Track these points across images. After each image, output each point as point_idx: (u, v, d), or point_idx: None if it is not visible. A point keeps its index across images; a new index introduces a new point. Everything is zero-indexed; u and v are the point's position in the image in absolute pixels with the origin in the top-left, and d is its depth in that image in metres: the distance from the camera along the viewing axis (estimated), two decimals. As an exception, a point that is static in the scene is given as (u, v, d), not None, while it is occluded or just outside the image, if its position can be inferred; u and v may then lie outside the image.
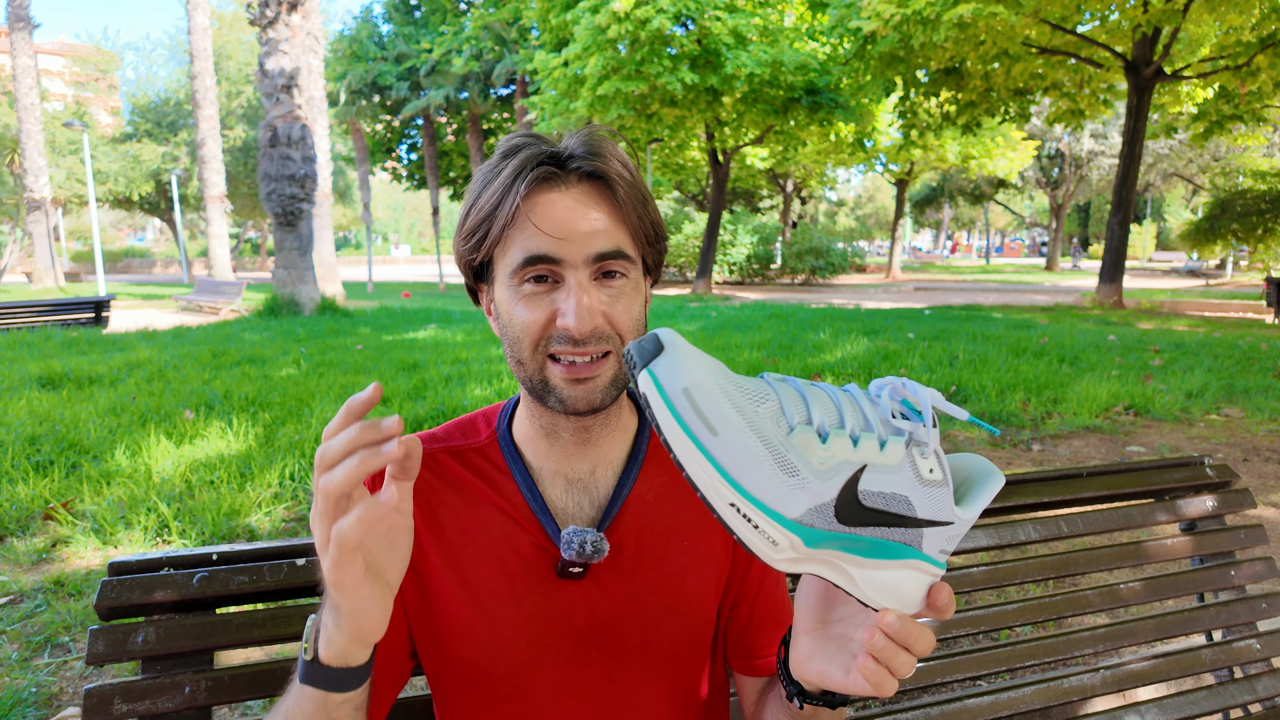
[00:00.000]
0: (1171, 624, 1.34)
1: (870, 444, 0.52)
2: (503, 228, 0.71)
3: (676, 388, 0.47)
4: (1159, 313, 13.65)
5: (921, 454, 0.53)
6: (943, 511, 0.55)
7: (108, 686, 0.87)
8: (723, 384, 0.49)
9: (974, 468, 0.61)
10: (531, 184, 0.70)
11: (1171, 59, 14.00)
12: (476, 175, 0.76)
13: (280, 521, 3.36)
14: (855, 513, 0.52)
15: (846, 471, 0.51)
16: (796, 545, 0.51)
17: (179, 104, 33.53)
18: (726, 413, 0.48)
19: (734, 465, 0.48)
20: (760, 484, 0.48)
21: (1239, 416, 5.34)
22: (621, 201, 0.73)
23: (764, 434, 0.49)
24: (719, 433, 0.47)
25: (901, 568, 0.55)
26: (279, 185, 12.83)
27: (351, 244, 66.27)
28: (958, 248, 67.86)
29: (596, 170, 0.72)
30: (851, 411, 0.53)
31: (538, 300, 0.71)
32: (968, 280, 27.68)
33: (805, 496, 0.50)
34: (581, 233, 0.70)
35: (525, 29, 22.81)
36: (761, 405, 0.50)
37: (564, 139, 0.74)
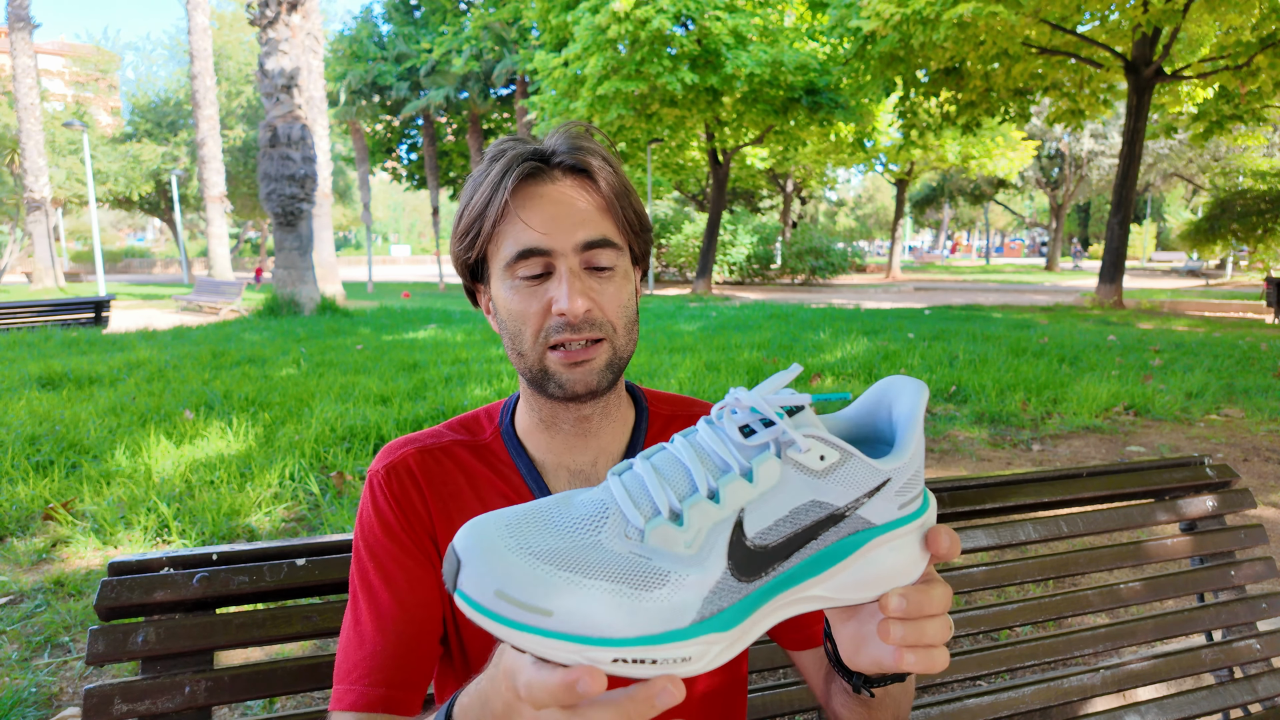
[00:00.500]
0: (1171, 624, 1.34)
1: (734, 487, 0.46)
2: (493, 224, 0.75)
3: (488, 595, 0.42)
4: (1159, 313, 13.65)
5: (798, 450, 0.47)
6: (866, 480, 0.48)
7: (108, 686, 0.87)
8: (540, 550, 0.43)
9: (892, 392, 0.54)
10: (518, 180, 0.74)
11: (1171, 59, 14.00)
12: (468, 180, 0.79)
13: (280, 521, 3.36)
14: (762, 560, 0.46)
15: (722, 534, 0.45)
16: (715, 640, 0.44)
17: (179, 104, 33.55)
18: (551, 584, 0.42)
19: (590, 626, 0.42)
20: (627, 623, 0.42)
21: (1239, 416, 5.34)
22: (605, 193, 0.76)
23: (611, 566, 0.43)
24: (554, 611, 0.42)
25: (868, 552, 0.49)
26: (279, 185, 12.83)
27: (351, 244, 66.27)
28: (958, 248, 67.87)
29: (579, 163, 0.76)
30: (702, 463, 0.47)
31: (532, 292, 0.75)
32: (968, 280, 27.69)
33: (689, 594, 0.44)
34: (569, 224, 0.74)
35: (525, 29, 22.80)
36: (601, 530, 0.45)
37: (546, 138, 0.78)
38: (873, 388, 0.55)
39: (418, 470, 0.81)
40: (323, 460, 4.14)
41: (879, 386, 0.55)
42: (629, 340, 0.79)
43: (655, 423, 0.89)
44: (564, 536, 0.44)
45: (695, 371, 6.66)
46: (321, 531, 3.26)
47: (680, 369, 6.75)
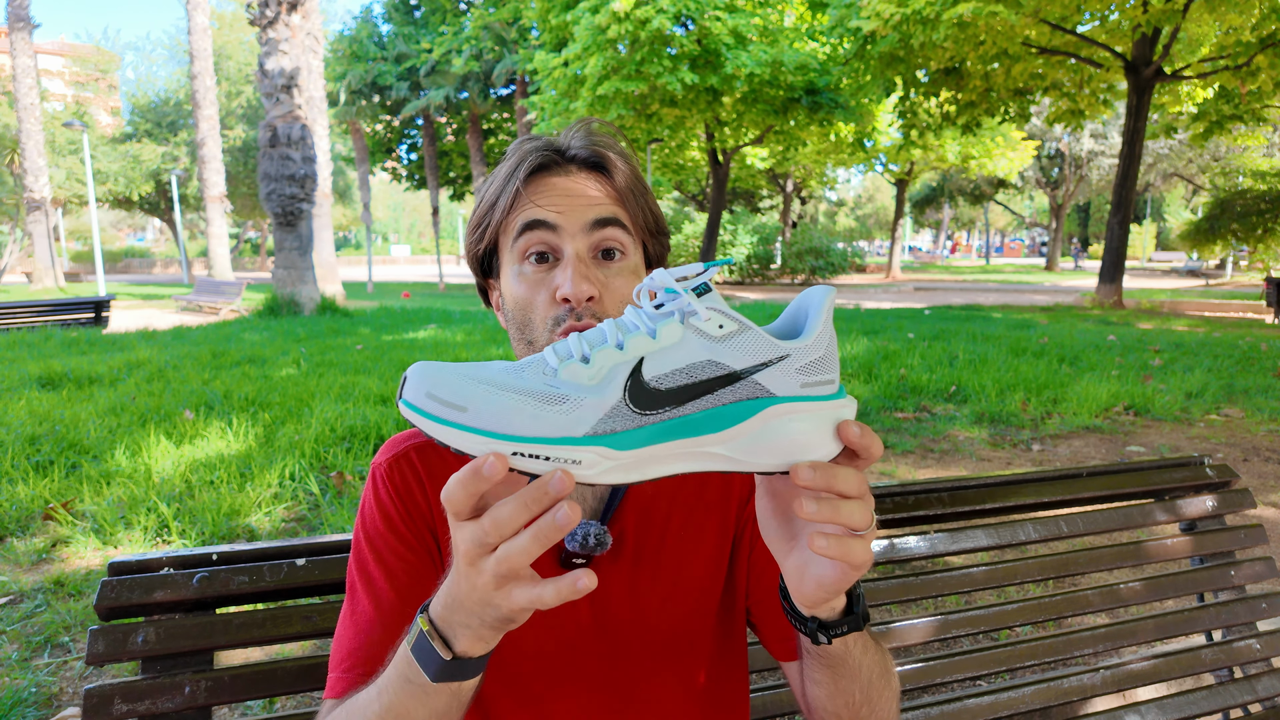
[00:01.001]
0: (1171, 624, 1.34)
1: (638, 340, 0.52)
2: (504, 212, 0.75)
3: (420, 396, 0.50)
4: (1159, 313, 13.65)
5: (699, 319, 0.52)
6: (762, 352, 0.53)
7: (108, 686, 0.87)
8: (466, 372, 0.51)
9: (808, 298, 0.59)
10: (530, 169, 0.75)
11: (1171, 59, 14.00)
12: (487, 178, 0.80)
13: (280, 521, 3.36)
14: (656, 398, 0.51)
15: (621, 373, 0.51)
16: (607, 454, 0.50)
17: (179, 104, 33.54)
18: (470, 389, 0.50)
19: (495, 423, 0.49)
20: (529, 425, 0.49)
21: (1239, 416, 5.34)
22: (620, 187, 0.77)
23: (522, 388, 0.51)
24: (468, 407, 0.49)
25: (768, 419, 0.53)
26: (279, 185, 12.83)
27: (351, 244, 66.27)
28: (958, 248, 67.86)
29: (594, 156, 0.76)
30: (617, 327, 0.54)
31: (539, 279, 0.75)
32: (967, 280, 27.69)
33: (586, 412, 0.50)
34: (578, 204, 0.74)
35: (525, 29, 22.80)
36: (526, 370, 0.52)
37: (563, 134, 0.79)
38: (796, 298, 0.60)
39: (420, 464, 0.81)
40: (323, 460, 4.14)
41: (798, 298, 0.59)
42: None
43: None
44: (496, 373, 0.52)
45: (695, 371, 6.65)
46: (321, 531, 3.26)
47: (680, 369, 6.75)
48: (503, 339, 9.40)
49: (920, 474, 4.12)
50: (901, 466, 4.24)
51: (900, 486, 1.29)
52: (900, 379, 6.38)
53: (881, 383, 6.31)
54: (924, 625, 1.20)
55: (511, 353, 0.81)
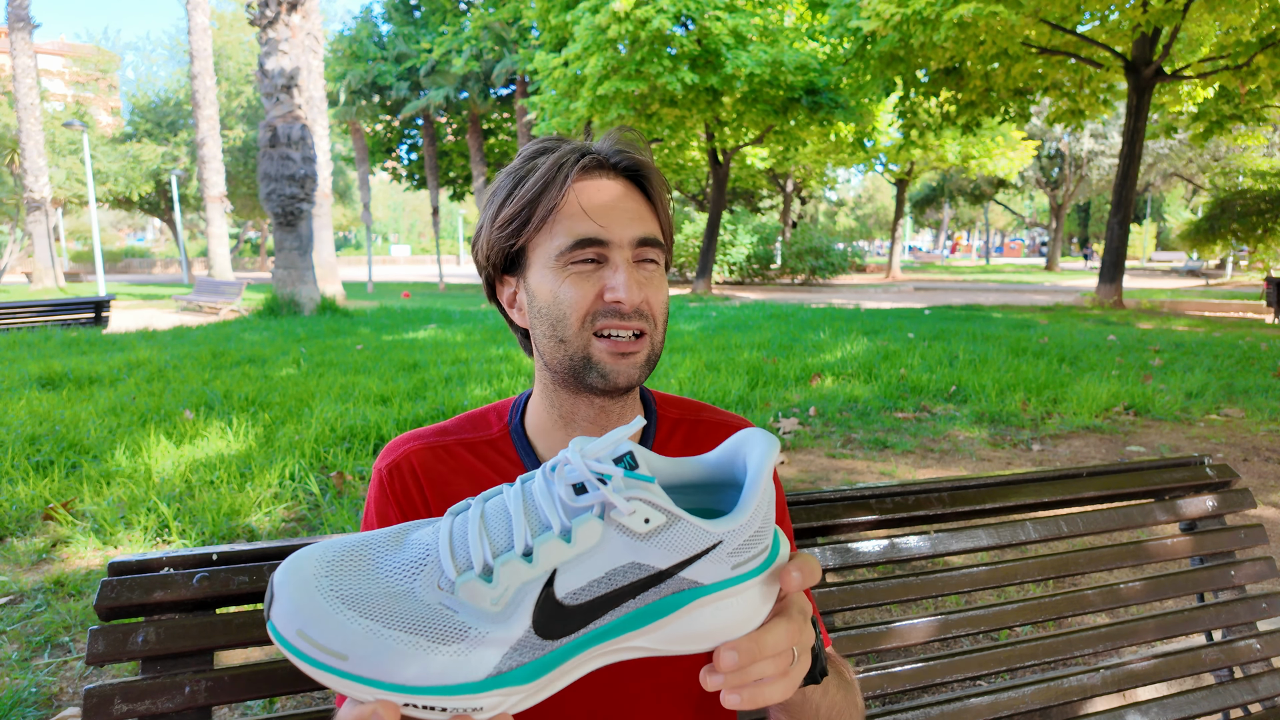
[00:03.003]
0: (1171, 624, 1.34)
1: (550, 546, 0.46)
2: (549, 210, 0.75)
3: (291, 632, 0.45)
4: (1159, 313, 13.65)
5: (621, 514, 0.46)
6: (691, 545, 0.47)
7: (108, 686, 0.87)
8: (348, 595, 0.45)
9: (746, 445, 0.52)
10: (581, 171, 0.76)
11: (1171, 59, 14.00)
12: (504, 174, 0.79)
13: (280, 521, 3.36)
14: (569, 619, 0.46)
15: (530, 593, 0.45)
16: (510, 693, 0.45)
17: (179, 104, 33.52)
18: (349, 631, 0.44)
19: (382, 672, 0.44)
20: (421, 672, 0.44)
21: (1239, 416, 5.34)
22: (655, 197, 0.79)
23: (414, 617, 0.45)
24: (349, 656, 0.44)
25: (693, 611, 0.48)
26: (279, 185, 12.83)
27: (351, 244, 66.25)
28: (958, 248, 67.85)
29: (634, 165, 0.78)
30: (526, 517, 0.47)
31: (585, 278, 0.75)
32: (968, 280, 27.68)
33: (487, 652, 0.45)
34: (625, 218, 0.76)
35: (525, 29, 22.79)
36: (417, 578, 0.46)
37: (598, 141, 0.80)
38: (731, 437, 0.54)
39: (419, 468, 0.81)
40: (323, 460, 4.14)
41: (736, 437, 0.54)
42: (662, 339, 0.81)
43: (663, 426, 0.89)
44: (378, 580, 0.46)
45: (695, 371, 6.66)
46: (321, 531, 3.26)
47: (680, 369, 6.75)
48: (503, 339, 9.39)
49: (920, 474, 4.12)
50: (901, 466, 4.24)
51: (900, 486, 1.29)
52: (900, 379, 6.38)
53: (881, 383, 6.31)
54: (924, 625, 1.20)
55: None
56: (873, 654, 1.43)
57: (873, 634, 1.18)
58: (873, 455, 4.46)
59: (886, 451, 4.53)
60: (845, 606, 1.17)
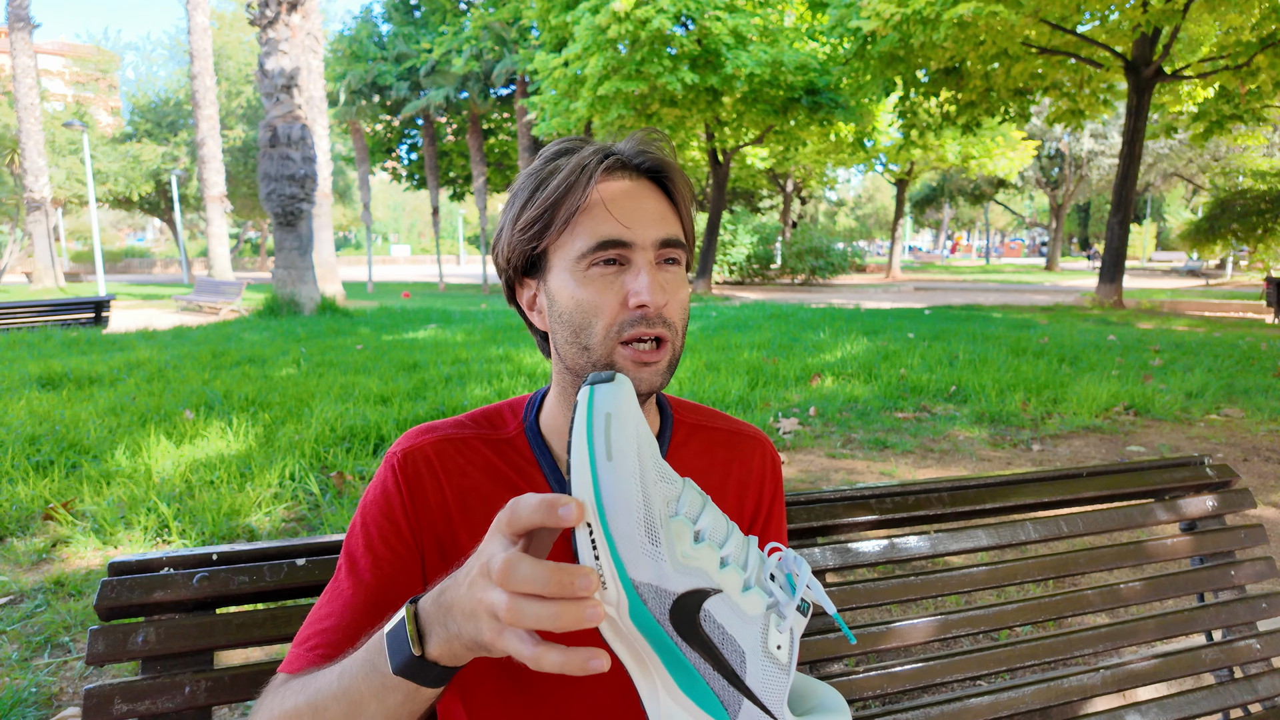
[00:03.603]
0: (1171, 624, 1.34)
1: (735, 576, 0.52)
2: (572, 212, 0.75)
3: (602, 408, 0.51)
4: (1159, 313, 13.65)
5: (778, 626, 0.53)
6: (772, 696, 0.53)
7: (108, 686, 0.87)
8: (642, 437, 0.51)
9: (827, 699, 0.60)
10: (602, 174, 0.75)
11: (1171, 59, 14.00)
12: (525, 175, 0.79)
13: (280, 521, 3.36)
14: (689, 625, 0.51)
15: (700, 580, 0.51)
16: (621, 607, 0.50)
17: (179, 104, 33.52)
18: (629, 451, 0.50)
19: (609, 496, 0.49)
20: (622, 527, 0.49)
21: (1239, 416, 5.34)
22: (678, 198, 0.79)
23: (650, 496, 0.50)
24: (614, 459, 0.49)
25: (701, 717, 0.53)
26: (279, 185, 12.83)
27: (351, 244, 66.25)
28: (958, 248, 67.84)
29: (658, 166, 0.78)
30: (738, 546, 0.54)
31: (608, 282, 0.75)
32: (968, 280, 27.68)
33: (652, 569, 0.50)
34: (649, 219, 0.76)
35: (525, 29, 22.79)
36: (663, 482, 0.51)
37: (622, 142, 0.80)
38: (821, 686, 0.62)
39: (436, 459, 0.81)
40: (323, 460, 4.14)
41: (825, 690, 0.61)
42: (683, 343, 0.80)
43: (679, 430, 0.89)
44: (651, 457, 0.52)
45: (695, 371, 6.66)
46: (321, 531, 3.26)
47: (680, 369, 6.75)
48: (503, 339, 9.39)
49: (920, 474, 4.12)
50: (901, 466, 4.24)
51: (900, 486, 1.29)
52: (900, 379, 6.38)
53: (881, 382, 6.31)
54: (924, 625, 1.20)
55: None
56: (873, 654, 1.43)
57: (873, 634, 1.18)
58: (873, 455, 4.46)
59: (886, 451, 4.53)
60: (845, 606, 1.17)
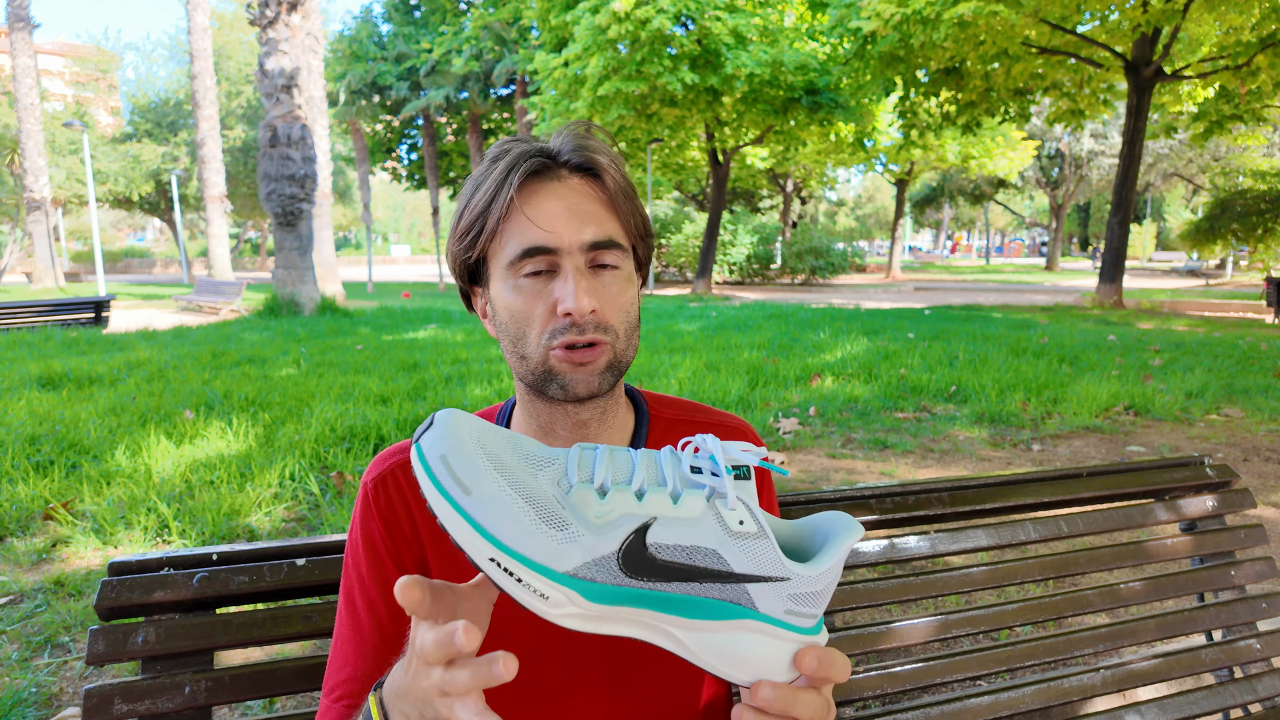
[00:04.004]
0: (1171, 624, 1.34)
1: (659, 497, 0.51)
2: (497, 221, 0.73)
3: (435, 455, 0.50)
4: (1159, 313, 13.65)
5: (725, 506, 0.51)
6: (766, 565, 0.52)
7: (108, 686, 0.87)
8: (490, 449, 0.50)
9: (832, 523, 0.58)
10: (524, 176, 0.72)
11: (1171, 59, 14.00)
12: (469, 180, 0.77)
13: (280, 521, 3.36)
14: (647, 566, 0.50)
15: (629, 524, 0.50)
16: (575, 600, 0.49)
17: (179, 104, 33.52)
18: (483, 474, 0.49)
19: (490, 521, 0.48)
20: (520, 539, 0.48)
21: (1239, 416, 5.34)
22: (611, 193, 0.75)
23: (533, 493, 0.49)
24: (473, 492, 0.48)
25: (738, 630, 0.52)
26: (279, 185, 12.83)
27: (351, 244, 66.24)
28: (958, 248, 67.84)
29: (586, 162, 0.74)
30: (646, 469, 0.52)
31: (536, 291, 0.73)
32: (968, 280, 27.68)
33: (577, 550, 0.49)
34: (575, 222, 0.72)
35: (525, 29, 22.79)
36: (543, 470, 0.51)
37: (553, 138, 0.76)
38: (818, 515, 0.59)
39: (405, 483, 0.79)
40: (323, 460, 4.14)
41: (824, 516, 0.59)
42: (629, 344, 0.77)
43: (656, 426, 0.88)
44: (514, 456, 0.51)
45: (695, 371, 6.66)
46: (321, 531, 3.26)
47: (680, 369, 6.75)
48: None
49: (920, 474, 4.12)
50: (901, 466, 4.24)
51: (900, 486, 1.29)
52: (900, 379, 6.38)
53: (881, 383, 6.31)
54: (924, 625, 1.20)
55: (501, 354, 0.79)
56: (873, 654, 1.43)
57: (873, 634, 1.18)
58: (873, 455, 4.46)
59: (886, 451, 4.53)
60: (845, 606, 1.17)
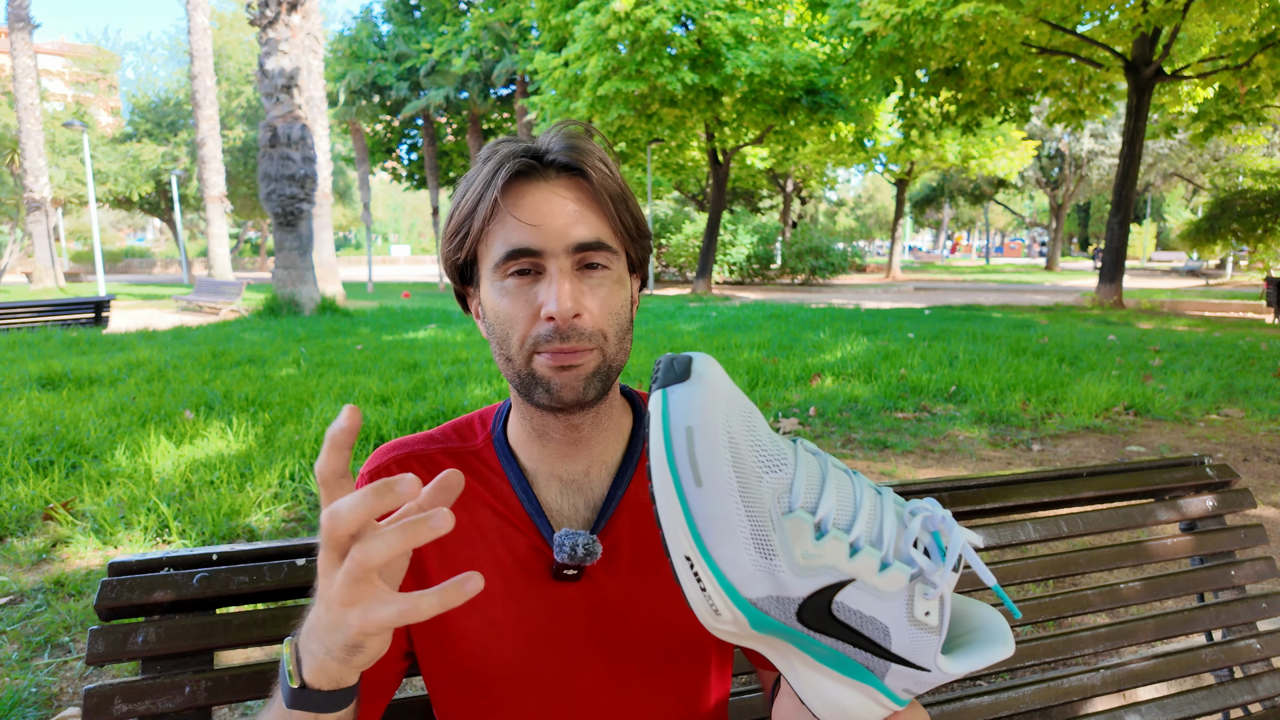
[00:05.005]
0: (1171, 624, 1.34)
1: (869, 561, 0.48)
2: (484, 222, 0.72)
3: (681, 422, 0.45)
4: (1159, 313, 13.65)
5: (925, 595, 0.49)
6: (922, 657, 0.51)
7: (108, 686, 0.87)
8: (734, 436, 0.45)
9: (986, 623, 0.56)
10: (508, 176, 0.71)
11: (1171, 59, 14.00)
12: (461, 181, 0.76)
13: (280, 521, 3.36)
14: (821, 620, 0.49)
15: (828, 577, 0.47)
16: (741, 623, 0.48)
17: (179, 104, 33.54)
18: (721, 469, 0.45)
19: (706, 523, 0.45)
20: (727, 553, 0.45)
21: (1239, 416, 5.34)
22: (599, 193, 0.73)
23: (755, 504, 0.46)
24: (704, 485, 0.45)
25: (854, 689, 0.52)
26: (279, 185, 12.83)
27: (351, 244, 66.25)
28: (958, 248, 67.84)
29: (573, 162, 0.72)
30: (869, 518, 0.49)
31: (521, 293, 0.71)
32: (968, 280, 27.68)
33: (770, 583, 0.47)
34: (561, 223, 0.71)
35: (525, 29, 22.80)
36: (770, 474, 0.46)
37: (541, 136, 0.75)
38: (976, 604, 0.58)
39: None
40: (323, 460, 4.14)
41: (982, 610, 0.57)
42: (620, 349, 0.75)
43: None
44: (750, 448, 0.46)
45: (695, 371, 6.64)
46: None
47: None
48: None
49: (920, 474, 4.12)
50: (901, 466, 4.24)
51: (900, 486, 1.29)
52: (900, 379, 6.38)
53: (882, 382, 6.31)
54: None
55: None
56: (873, 654, 1.42)
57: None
58: (873, 455, 4.46)
59: (886, 451, 4.53)
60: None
